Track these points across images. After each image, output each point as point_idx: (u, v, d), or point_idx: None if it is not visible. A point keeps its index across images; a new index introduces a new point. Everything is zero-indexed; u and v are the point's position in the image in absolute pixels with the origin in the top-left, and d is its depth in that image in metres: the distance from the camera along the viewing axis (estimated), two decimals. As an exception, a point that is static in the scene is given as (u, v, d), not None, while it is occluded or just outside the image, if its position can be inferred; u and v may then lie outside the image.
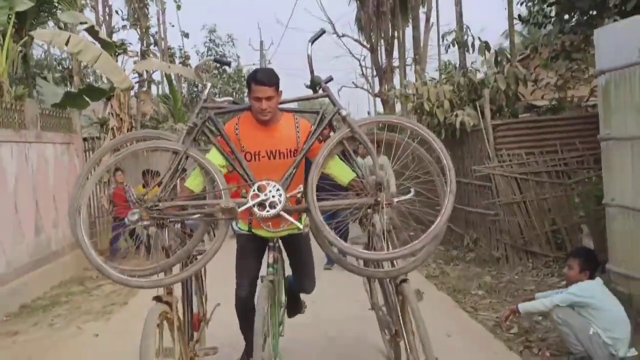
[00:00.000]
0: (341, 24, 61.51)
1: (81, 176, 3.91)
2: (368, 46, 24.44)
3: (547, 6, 9.11)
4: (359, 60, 25.23)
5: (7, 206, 8.09)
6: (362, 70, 25.85)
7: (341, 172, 3.93)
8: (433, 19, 19.74)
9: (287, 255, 4.43)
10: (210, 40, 28.04)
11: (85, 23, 12.18)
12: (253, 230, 4.14)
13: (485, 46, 10.06)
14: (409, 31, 21.40)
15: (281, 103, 3.97)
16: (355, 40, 24.37)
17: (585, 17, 8.39)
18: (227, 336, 5.01)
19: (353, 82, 27.05)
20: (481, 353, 5.17)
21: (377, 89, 24.48)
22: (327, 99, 3.91)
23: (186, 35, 28.12)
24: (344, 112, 3.79)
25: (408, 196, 3.78)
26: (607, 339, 4.55)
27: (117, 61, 13.73)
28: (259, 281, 4.12)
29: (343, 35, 24.56)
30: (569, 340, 4.70)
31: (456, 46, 10.52)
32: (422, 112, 9.91)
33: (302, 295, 4.79)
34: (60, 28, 13.10)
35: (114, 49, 13.09)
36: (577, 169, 8.31)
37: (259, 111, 3.81)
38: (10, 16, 10.97)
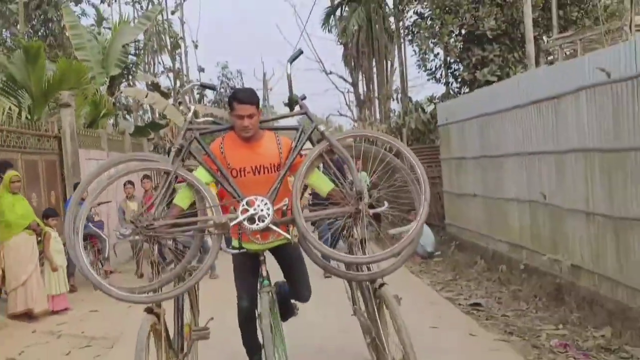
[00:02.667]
0: (329, 63, 71.06)
1: (75, 198, 3.91)
2: (350, 81, 30.52)
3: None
4: (343, 93, 31.35)
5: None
6: (345, 101, 31.97)
7: (321, 183, 4.07)
8: (396, 65, 25.87)
9: (280, 266, 4.46)
10: (223, 75, 34.25)
11: (152, 81, 18.39)
12: (244, 245, 4.13)
13: (409, 100, 16.28)
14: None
15: (262, 122, 4.09)
16: (340, 77, 30.45)
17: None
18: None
19: (338, 111, 33.36)
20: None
21: (357, 116, 30.55)
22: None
23: (202, 69, 34.43)
24: (321, 128, 4.00)
25: (382, 208, 4.03)
26: (422, 243, 10.61)
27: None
28: (259, 295, 4.16)
29: (330, 73, 30.65)
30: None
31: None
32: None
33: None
34: (130, 85, 19.24)
35: (168, 96, 19.30)
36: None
37: (242, 128, 3.92)
38: (106, 78, 17.15)
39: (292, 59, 4.13)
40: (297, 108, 4.15)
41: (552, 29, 13.35)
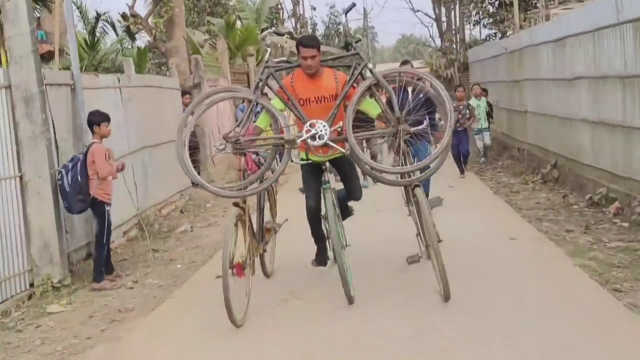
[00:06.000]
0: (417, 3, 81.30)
1: (183, 118, 5.08)
2: (433, 17, 37.62)
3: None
4: (427, 27, 38.63)
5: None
6: (430, 33, 39.21)
7: (371, 109, 5.05)
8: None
9: (338, 172, 5.68)
10: (331, 13, 42.21)
11: (288, 31, 26.89)
12: (309, 157, 5.19)
13: (462, 40, 23.85)
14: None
15: (323, 61, 5.03)
16: (425, 14, 37.60)
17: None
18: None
19: (423, 43, 40.72)
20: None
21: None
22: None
23: (314, 8, 42.56)
24: (370, 66, 4.88)
25: (421, 127, 4.89)
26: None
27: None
28: (322, 195, 5.18)
29: (418, 10, 37.89)
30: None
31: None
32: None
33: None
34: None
35: (294, 38, 27.68)
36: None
37: (306, 67, 4.91)
38: (259, 30, 25.76)
39: (346, 11, 5.36)
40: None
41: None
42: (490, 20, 22.00)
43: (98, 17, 17.09)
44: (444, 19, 35.02)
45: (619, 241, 6.45)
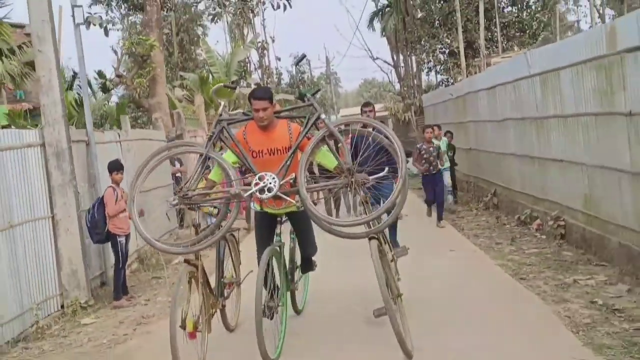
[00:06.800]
0: (375, 51, 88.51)
1: (135, 175, 4.94)
2: (392, 63, 40.00)
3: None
4: (386, 74, 40.93)
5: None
6: (389, 79, 41.53)
7: (327, 160, 4.97)
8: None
9: (292, 226, 5.55)
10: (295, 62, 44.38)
11: (256, 82, 28.73)
12: (264, 209, 5.31)
13: (418, 86, 25.94)
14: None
15: (277, 112, 5.06)
16: (384, 62, 39.96)
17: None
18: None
19: (382, 88, 43.19)
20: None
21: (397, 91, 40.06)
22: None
23: (279, 59, 44.74)
24: (323, 116, 4.89)
25: (381, 174, 4.85)
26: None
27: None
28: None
29: (377, 58, 40.18)
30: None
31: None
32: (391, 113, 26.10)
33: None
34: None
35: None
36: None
37: (258, 119, 4.89)
38: (230, 82, 27.56)
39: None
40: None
41: (498, 44, 22.73)
42: (442, 67, 24.13)
43: (74, 75, 18.65)
44: (402, 64, 37.56)
45: (535, 249, 8.20)
